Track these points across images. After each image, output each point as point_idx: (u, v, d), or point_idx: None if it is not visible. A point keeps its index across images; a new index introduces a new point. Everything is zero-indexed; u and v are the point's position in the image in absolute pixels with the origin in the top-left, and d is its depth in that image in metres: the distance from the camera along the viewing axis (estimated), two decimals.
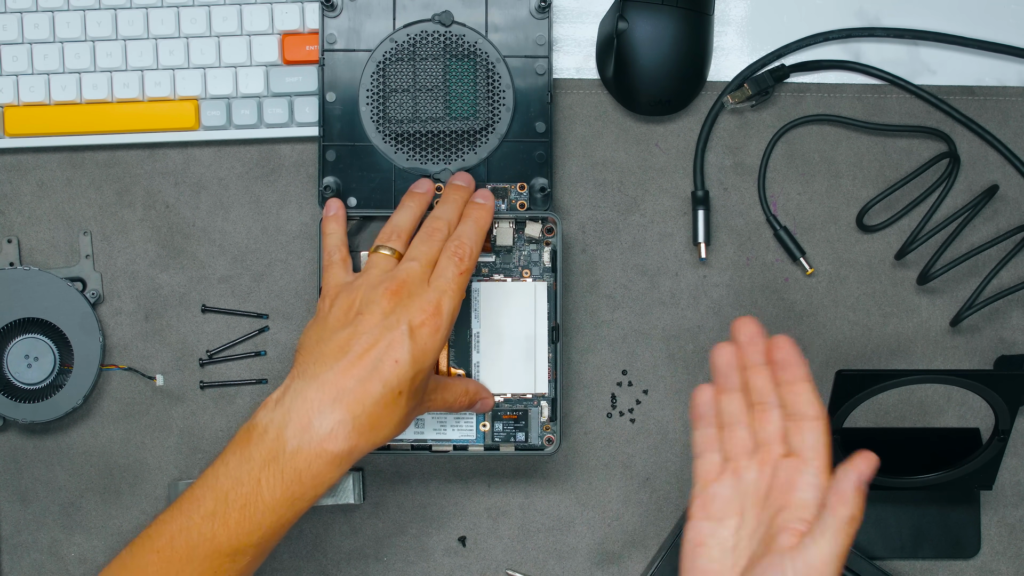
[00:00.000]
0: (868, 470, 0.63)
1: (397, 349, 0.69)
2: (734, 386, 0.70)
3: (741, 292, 0.86)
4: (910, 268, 0.86)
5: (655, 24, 0.83)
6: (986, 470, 0.82)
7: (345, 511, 0.86)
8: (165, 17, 0.84)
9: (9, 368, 0.84)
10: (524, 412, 0.82)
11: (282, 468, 0.67)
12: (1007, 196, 0.87)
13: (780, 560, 0.63)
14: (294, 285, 0.86)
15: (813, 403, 0.67)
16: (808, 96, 0.87)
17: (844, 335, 0.86)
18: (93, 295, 0.85)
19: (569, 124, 0.87)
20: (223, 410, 0.86)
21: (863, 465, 0.64)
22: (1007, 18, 0.88)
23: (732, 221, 0.87)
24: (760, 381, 0.69)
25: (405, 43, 0.83)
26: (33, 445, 0.86)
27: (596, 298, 0.86)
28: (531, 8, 0.83)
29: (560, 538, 0.86)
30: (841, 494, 0.63)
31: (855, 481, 0.63)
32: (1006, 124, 0.87)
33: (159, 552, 0.68)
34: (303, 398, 0.68)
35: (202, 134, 0.85)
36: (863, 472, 0.63)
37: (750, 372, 0.70)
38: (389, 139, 0.83)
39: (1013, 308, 0.87)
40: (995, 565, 0.86)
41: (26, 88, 0.85)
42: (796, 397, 0.68)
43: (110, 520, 0.86)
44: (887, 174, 0.87)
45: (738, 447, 0.69)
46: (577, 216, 0.86)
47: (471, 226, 0.76)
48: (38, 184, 0.86)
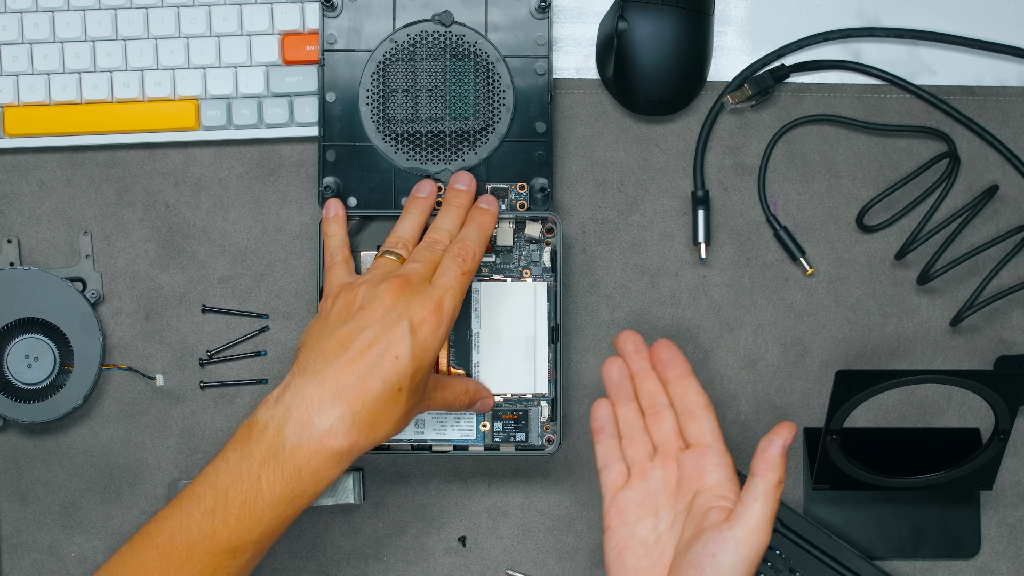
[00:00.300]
0: (790, 437, 0.69)
1: (398, 345, 0.69)
2: (628, 396, 0.76)
3: (741, 292, 0.86)
4: (910, 268, 0.86)
5: (655, 24, 0.83)
6: (986, 470, 0.82)
7: (345, 511, 0.86)
8: (165, 17, 0.84)
9: (9, 368, 0.84)
10: (524, 412, 0.82)
11: (282, 465, 0.67)
12: (1007, 196, 0.87)
13: (719, 532, 0.69)
14: (294, 285, 0.86)
15: (700, 394, 0.74)
16: (808, 96, 0.87)
17: (844, 335, 0.86)
18: (93, 295, 0.85)
19: (569, 124, 0.87)
20: (223, 410, 0.86)
21: (786, 432, 0.69)
22: (1007, 18, 0.88)
23: (732, 221, 0.87)
24: (649, 385, 0.76)
25: (405, 43, 0.83)
26: (33, 445, 0.86)
27: (596, 298, 0.86)
28: (531, 8, 0.83)
29: (560, 538, 0.86)
30: (769, 461, 0.69)
31: (780, 448, 0.69)
32: (1006, 124, 0.87)
33: (159, 548, 0.68)
34: (303, 395, 0.68)
35: (202, 134, 0.85)
36: (786, 439, 0.69)
37: (638, 379, 0.76)
38: (389, 139, 0.83)
39: (1013, 308, 0.87)
40: (995, 565, 0.86)
41: (26, 88, 0.85)
42: (684, 392, 0.74)
43: (110, 520, 0.86)
44: (887, 174, 0.87)
45: (640, 452, 0.75)
46: (577, 216, 0.86)
47: (475, 230, 0.77)
48: (38, 184, 0.87)
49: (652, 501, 0.74)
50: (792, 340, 0.86)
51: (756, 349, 0.86)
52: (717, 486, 0.72)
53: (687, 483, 0.73)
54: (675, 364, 0.75)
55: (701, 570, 0.68)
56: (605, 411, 0.76)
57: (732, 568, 0.68)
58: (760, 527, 0.68)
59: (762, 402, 0.86)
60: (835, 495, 0.85)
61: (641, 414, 0.76)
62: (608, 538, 0.74)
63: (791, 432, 0.69)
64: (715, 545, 0.68)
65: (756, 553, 0.68)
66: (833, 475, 0.83)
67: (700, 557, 0.69)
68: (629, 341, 0.76)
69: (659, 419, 0.75)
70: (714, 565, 0.68)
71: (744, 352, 0.86)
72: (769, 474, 0.69)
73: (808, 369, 0.86)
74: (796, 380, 0.86)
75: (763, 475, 0.69)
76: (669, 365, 0.75)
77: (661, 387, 0.75)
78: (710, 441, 0.73)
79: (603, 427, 0.76)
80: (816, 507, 0.85)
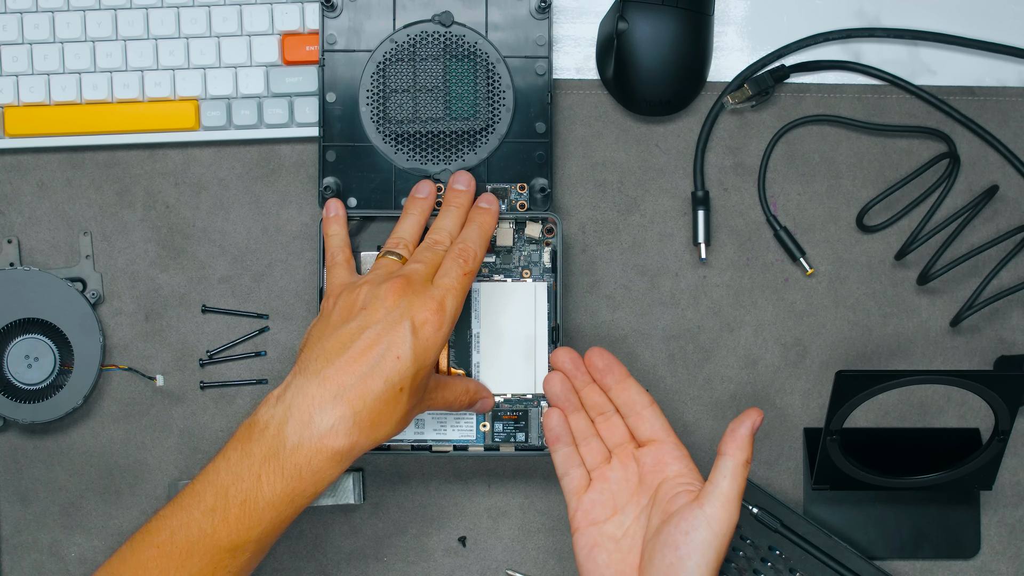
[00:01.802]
0: (759, 420, 0.72)
1: (399, 346, 0.69)
2: (575, 406, 0.78)
3: (741, 292, 0.86)
4: (910, 268, 0.86)
5: (655, 24, 0.83)
6: (986, 470, 0.82)
7: (345, 511, 0.86)
8: (165, 17, 0.84)
9: (9, 368, 0.84)
10: (524, 412, 0.82)
11: (282, 464, 0.67)
12: (1007, 196, 0.87)
13: (689, 511, 0.71)
14: (294, 285, 0.86)
15: (642, 393, 0.76)
16: (808, 96, 0.87)
17: (844, 335, 0.86)
18: (93, 295, 0.85)
19: (569, 124, 0.87)
20: (223, 410, 0.86)
21: (754, 415, 0.72)
22: (1007, 18, 0.88)
23: (732, 221, 0.87)
24: (593, 397, 0.77)
25: (405, 43, 0.83)
26: (33, 445, 0.86)
27: (596, 298, 0.86)
28: (531, 8, 0.83)
29: (560, 538, 0.86)
30: (738, 440, 0.71)
31: (748, 428, 0.71)
32: (1006, 124, 0.87)
33: (159, 547, 0.68)
34: (304, 394, 0.68)
35: (202, 134, 0.85)
36: (755, 421, 0.72)
37: (582, 393, 0.78)
38: (389, 139, 0.83)
39: (1013, 308, 0.87)
40: (995, 565, 0.86)
41: (26, 88, 0.85)
42: (627, 394, 0.76)
43: (110, 520, 0.86)
44: (887, 174, 0.87)
45: (596, 456, 0.77)
46: (577, 216, 0.86)
47: (476, 231, 0.77)
48: (38, 184, 0.87)
49: (615, 500, 0.75)
50: (792, 340, 0.86)
51: (756, 349, 0.86)
52: (679, 475, 0.74)
53: (649, 478, 0.75)
54: (612, 370, 0.76)
55: (675, 548, 0.70)
56: (558, 420, 0.77)
57: (706, 543, 0.69)
58: (730, 502, 0.70)
59: (762, 402, 0.86)
60: (835, 495, 0.85)
61: (591, 421, 0.78)
62: (577, 539, 0.75)
63: (759, 416, 0.72)
64: (687, 523, 0.70)
65: (728, 528, 0.70)
66: (833, 475, 0.83)
67: (674, 536, 0.70)
68: (565, 359, 0.77)
69: (609, 425, 0.77)
70: (688, 542, 0.70)
71: (744, 352, 0.86)
72: (737, 453, 0.71)
73: (808, 369, 0.86)
74: (796, 380, 0.86)
75: (732, 454, 0.71)
76: (606, 372, 0.77)
77: (604, 395, 0.77)
78: (663, 436, 0.75)
79: (558, 436, 0.77)
80: (816, 507, 0.85)
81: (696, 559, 0.69)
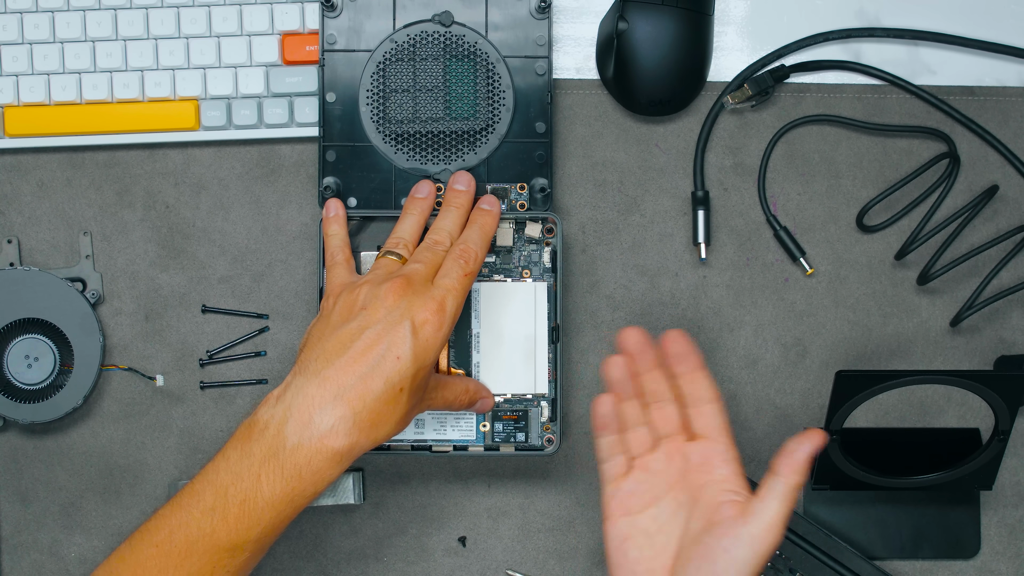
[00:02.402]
0: (820, 444, 0.69)
1: (399, 346, 0.69)
2: (631, 393, 0.75)
3: (741, 292, 0.86)
4: (910, 268, 0.86)
5: (655, 24, 0.83)
6: (986, 470, 0.82)
7: (345, 511, 0.86)
8: (165, 17, 0.84)
9: (9, 368, 0.84)
10: (524, 412, 0.82)
11: (282, 464, 0.67)
12: (1007, 196, 0.87)
13: (733, 527, 0.68)
14: (294, 285, 0.86)
15: (710, 388, 0.73)
16: (808, 96, 0.87)
17: (844, 335, 0.86)
18: (93, 295, 0.85)
19: (569, 124, 0.87)
20: (223, 410, 0.86)
21: (817, 438, 0.69)
22: (1007, 18, 0.88)
23: (732, 221, 0.87)
24: (654, 384, 0.74)
25: (405, 43, 0.83)
26: (33, 445, 0.86)
27: (596, 298, 0.86)
28: (531, 8, 0.83)
29: (560, 538, 0.86)
30: (794, 463, 0.69)
31: (807, 452, 0.69)
32: (1006, 124, 0.87)
33: (158, 546, 0.68)
34: (304, 394, 0.68)
35: (202, 134, 0.85)
36: (816, 444, 0.69)
37: (643, 378, 0.74)
38: (389, 139, 0.83)
39: (1013, 308, 0.87)
40: (995, 565, 0.86)
41: (26, 88, 0.85)
42: (694, 385, 0.73)
43: (110, 520, 0.86)
44: (887, 174, 0.87)
45: (641, 445, 0.74)
46: (577, 216, 0.86)
47: (477, 232, 0.77)
48: (38, 184, 0.87)
49: (654, 491, 0.73)
50: (792, 340, 0.86)
51: (756, 349, 0.86)
52: (725, 480, 0.71)
53: (693, 475, 0.72)
54: (687, 358, 0.73)
55: (713, 562, 0.68)
56: (607, 408, 0.75)
57: (744, 563, 0.67)
58: (775, 525, 0.68)
59: (762, 402, 0.86)
60: (835, 495, 0.85)
61: (644, 408, 0.75)
62: (609, 528, 0.73)
63: (822, 439, 0.69)
64: (729, 540, 0.68)
65: (769, 550, 0.68)
66: (833, 475, 0.83)
67: (713, 550, 0.68)
68: (632, 339, 0.75)
69: (663, 413, 0.74)
70: (727, 559, 0.67)
71: (744, 352, 0.86)
72: (792, 476, 0.68)
73: (808, 369, 0.86)
74: (796, 380, 0.86)
75: (786, 476, 0.68)
76: (681, 359, 0.73)
77: (665, 384, 0.74)
78: (716, 435, 0.72)
79: (605, 424, 0.75)
80: (816, 507, 0.85)
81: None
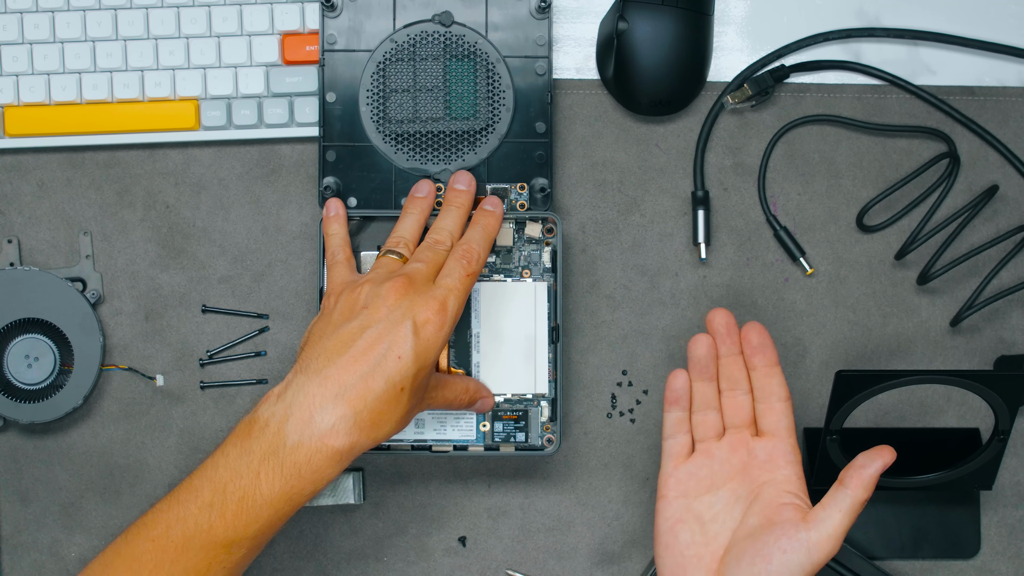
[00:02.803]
0: (891, 461, 0.70)
1: (401, 345, 0.69)
2: (709, 375, 0.75)
3: (741, 292, 0.86)
4: (910, 268, 0.86)
5: (655, 24, 0.83)
6: (986, 470, 0.81)
7: (345, 511, 0.86)
8: (165, 17, 0.84)
9: (9, 368, 0.84)
10: (524, 412, 0.82)
11: (282, 462, 0.67)
12: (1007, 196, 0.87)
13: (794, 531, 0.69)
14: (294, 285, 0.86)
15: (783, 386, 0.74)
16: (808, 96, 0.87)
17: (844, 335, 0.86)
18: (93, 295, 0.85)
19: (569, 124, 0.87)
20: (223, 410, 0.86)
21: (887, 456, 0.70)
22: (1007, 18, 0.88)
23: (732, 221, 0.87)
24: (734, 370, 0.75)
25: (405, 43, 0.83)
26: (33, 445, 0.86)
27: (596, 298, 0.86)
28: (531, 8, 0.83)
29: (560, 538, 0.86)
30: (864, 479, 0.70)
31: (878, 469, 0.70)
32: (1006, 124, 0.87)
33: (154, 540, 0.68)
34: (305, 393, 0.68)
35: (202, 134, 0.85)
36: (887, 461, 0.70)
37: (724, 361, 0.75)
38: (389, 139, 0.83)
39: (1013, 308, 0.87)
40: (995, 565, 0.86)
41: (26, 88, 0.85)
42: (769, 380, 0.74)
43: (110, 520, 0.86)
44: (887, 174, 0.87)
45: (710, 429, 0.75)
46: (577, 216, 0.86)
47: (479, 232, 0.77)
48: (38, 184, 0.87)
49: (713, 478, 0.74)
50: (792, 340, 0.86)
51: None
52: (787, 482, 0.72)
53: (756, 471, 0.73)
54: (764, 352, 0.74)
55: (768, 561, 0.69)
56: (682, 383, 0.75)
57: (799, 568, 0.69)
58: (835, 537, 0.69)
59: None
60: None
61: (718, 393, 0.75)
62: (662, 507, 0.74)
63: (892, 457, 0.70)
64: (787, 542, 0.69)
65: (824, 560, 0.69)
66: (833, 475, 0.82)
67: (770, 549, 0.69)
68: (721, 321, 0.75)
69: (735, 403, 0.75)
70: (783, 561, 0.69)
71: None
72: (860, 491, 0.70)
73: (808, 369, 0.86)
74: (796, 380, 0.86)
75: (854, 489, 0.70)
76: (759, 351, 0.74)
77: (744, 373, 0.75)
78: (784, 434, 0.73)
79: (677, 399, 0.75)
80: None
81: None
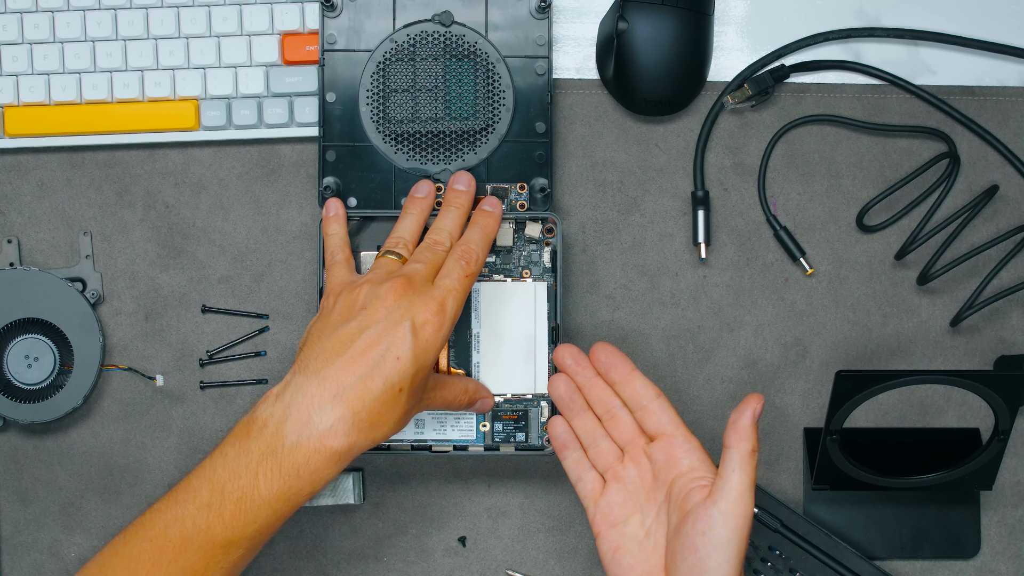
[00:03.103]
0: (759, 407, 0.71)
1: (399, 346, 0.69)
2: (581, 408, 0.77)
3: (741, 292, 0.86)
4: (910, 268, 0.86)
5: (655, 24, 0.83)
6: (986, 470, 0.82)
7: (345, 511, 0.86)
8: (165, 17, 0.84)
9: (9, 368, 0.84)
10: (524, 412, 0.82)
11: (280, 463, 0.67)
12: (1007, 196, 0.87)
13: (704, 510, 0.70)
14: (294, 285, 0.86)
15: (649, 386, 0.75)
16: (808, 96, 0.87)
17: (844, 335, 0.86)
18: (93, 295, 0.85)
19: (569, 124, 0.87)
20: (223, 410, 0.86)
21: (754, 403, 0.71)
22: (1007, 18, 0.88)
23: (732, 221, 0.87)
24: (598, 392, 0.77)
25: (405, 43, 0.83)
26: (33, 445, 0.86)
27: (596, 298, 0.86)
28: (531, 8, 0.83)
29: (560, 538, 0.86)
30: (741, 431, 0.70)
31: (750, 418, 0.70)
32: (1006, 124, 0.87)
33: (152, 540, 0.68)
34: (303, 393, 0.68)
35: (202, 134, 0.85)
36: (755, 408, 0.71)
37: (586, 390, 0.77)
38: (389, 139, 0.83)
39: (1013, 308, 0.87)
40: (995, 565, 0.86)
41: (26, 88, 0.85)
42: (632, 387, 0.75)
43: (110, 520, 0.86)
44: (887, 174, 0.87)
45: (608, 457, 0.76)
46: (577, 216, 0.86)
47: (478, 233, 0.77)
48: (38, 184, 0.87)
49: (633, 499, 0.75)
50: (792, 340, 0.86)
51: (756, 349, 0.86)
52: (692, 469, 0.73)
53: (663, 473, 0.74)
54: (616, 365, 0.76)
55: (695, 549, 0.69)
56: (562, 428, 0.77)
57: (724, 541, 0.69)
58: (742, 496, 0.69)
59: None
60: (835, 495, 0.85)
61: (598, 420, 0.77)
62: (600, 544, 0.75)
63: (759, 402, 0.71)
64: (703, 523, 0.69)
65: (744, 522, 0.69)
66: (833, 475, 0.83)
67: (692, 537, 0.70)
68: (567, 355, 0.77)
69: (616, 421, 0.76)
70: (706, 542, 0.69)
71: (744, 352, 0.86)
72: (742, 444, 0.70)
73: (808, 369, 0.86)
74: (796, 380, 0.86)
75: (736, 445, 0.70)
76: (611, 367, 0.76)
77: (610, 391, 0.76)
78: (671, 429, 0.74)
79: (564, 444, 0.77)
80: (816, 507, 0.85)
81: (717, 558, 0.69)
